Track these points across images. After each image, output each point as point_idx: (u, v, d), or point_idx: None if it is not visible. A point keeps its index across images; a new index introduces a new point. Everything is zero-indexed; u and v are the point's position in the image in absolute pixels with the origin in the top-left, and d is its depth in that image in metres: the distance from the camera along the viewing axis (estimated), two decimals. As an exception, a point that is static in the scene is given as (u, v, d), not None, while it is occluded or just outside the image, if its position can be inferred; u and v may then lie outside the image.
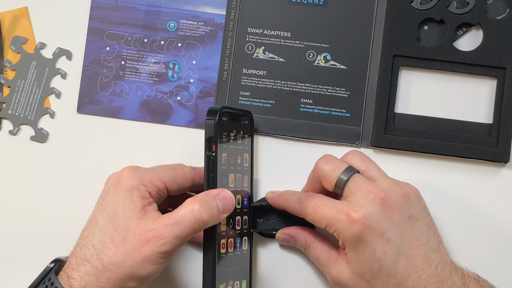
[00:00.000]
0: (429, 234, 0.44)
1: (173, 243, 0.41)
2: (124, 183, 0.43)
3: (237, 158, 0.46)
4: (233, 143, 0.45)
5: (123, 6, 0.53)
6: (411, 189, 0.45)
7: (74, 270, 0.41)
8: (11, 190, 0.53)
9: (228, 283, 0.44)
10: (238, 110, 0.48)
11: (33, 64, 0.54)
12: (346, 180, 0.43)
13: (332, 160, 0.45)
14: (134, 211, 0.42)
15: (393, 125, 0.52)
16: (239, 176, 0.46)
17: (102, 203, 0.44)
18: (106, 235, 0.42)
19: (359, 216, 0.41)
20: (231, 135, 0.45)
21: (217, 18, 0.53)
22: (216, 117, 0.43)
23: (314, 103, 0.52)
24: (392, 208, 0.42)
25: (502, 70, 0.51)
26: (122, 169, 0.45)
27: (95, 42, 0.53)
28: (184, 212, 0.41)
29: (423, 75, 0.52)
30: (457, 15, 0.52)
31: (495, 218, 0.51)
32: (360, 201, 0.42)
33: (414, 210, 0.44)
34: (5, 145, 0.54)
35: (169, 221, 0.41)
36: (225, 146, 0.44)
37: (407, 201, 0.44)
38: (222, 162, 0.43)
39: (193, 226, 0.41)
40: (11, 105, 0.54)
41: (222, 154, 0.43)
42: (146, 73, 0.53)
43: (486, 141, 0.51)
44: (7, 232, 0.53)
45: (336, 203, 0.43)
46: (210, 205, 0.42)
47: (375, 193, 0.42)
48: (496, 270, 0.51)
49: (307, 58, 0.53)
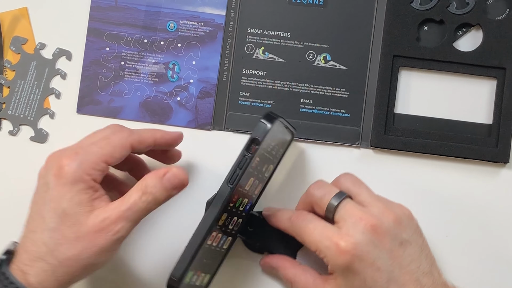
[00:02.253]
0: (421, 257, 0.43)
1: (127, 228, 0.41)
2: (67, 175, 0.41)
3: (264, 165, 0.46)
4: (268, 152, 0.45)
5: (123, 6, 0.53)
6: (403, 212, 0.44)
7: (28, 266, 0.40)
8: (11, 190, 0.53)
9: (196, 272, 0.44)
10: (290, 126, 0.47)
11: (33, 64, 0.54)
12: (336, 206, 0.43)
13: (323, 185, 0.45)
14: (82, 204, 0.41)
15: (393, 126, 0.52)
16: (256, 182, 0.46)
17: (45, 196, 0.41)
18: (57, 232, 0.40)
19: (348, 247, 0.41)
20: (271, 144, 0.45)
21: (217, 19, 0.53)
22: (272, 125, 0.43)
23: (314, 103, 0.52)
24: (383, 234, 0.42)
25: (502, 70, 0.51)
26: (60, 156, 0.42)
27: (95, 43, 0.53)
28: (133, 198, 0.41)
29: (423, 75, 0.52)
30: (457, 16, 0.52)
31: (495, 218, 0.51)
32: (350, 229, 0.42)
33: (406, 234, 0.43)
34: (5, 146, 0.54)
35: (121, 208, 0.41)
36: (262, 152, 0.44)
37: (399, 225, 0.43)
38: (252, 165, 0.43)
39: (145, 208, 0.41)
40: (11, 105, 0.54)
41: (256, 158, 0.43)
42: (145, 73, 0.53)
43: (486, 141, 0.51)
44: (7, 233, 0.53)
45: (326, 228, 0.43)
46: (156, 187, 0.41)
47: (366, 220, 0.42)
48: (496, 270, 0.51)
49: (307, 59, 0.53)
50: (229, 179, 0.43)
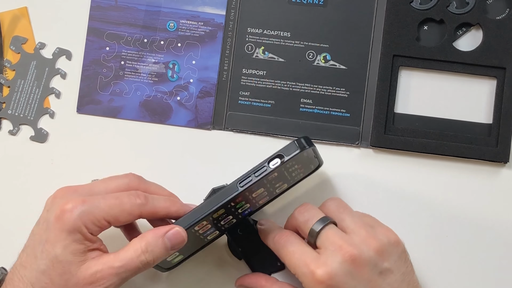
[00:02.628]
0: (402, 285, 0.43)
1: (117, 285, 0.40)
2: (66, 222, 0.39)
3: (278, 182, 0.46)
4: (288, 172, 0.45)
5: (123, 6, 0.53)
6: (388, 238, 0.43)
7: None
8: (10, 190, 0.53)
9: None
10: (319, 157, 0.47)
11: (33, 64, 0.54)
12: (318, 232, 0.43)
13: (308, 209, 0.45)
14: (75, 254, 0.40)
15: (392, 125, 0.52)
16: (264, 194, 0.46)
17: (42, 234, 0.41)
18: (45, 275, 0.40)
19: (324, 277, 0.40)
20: (294, 166, 0.45)
21: (217, 18, 0.53)
22: (302, 150, 0.42)
23: (313, 103, 0.52)
24: (362, 265, 0.41)
25: (502, 70, 0.51)
26: (65, 200, 0.40)
27: (95, 42, 0.53)
28: (130, 255, 0.40)
29: (423, 75, 0.52)
30: (457, 15, 0.52)
31: (495, 218, 0.51)
32: (329, 257, 0.41)
33: (387, 263, 0.42)
34: (5, 145, 0.54)
35: (114, 264, 0.40)
36: (282, 170, 0.44)
37: (380, 255, 0.42)
38: (268, 177, 0.43)
39: (138, 268, 0.40)
40: (11, 105, 0.54)
41: (275, 172, 0.43)
42: (145, 73, 0.53)
43: (486, 141, 0.51)
44: (7, 233, 0.53)
45: (306, 254, 0.42)
46: (157, 246, 0.41)
47: (345, 250, 0.41)
48: (496, 270, 0.51)
49: (306, 58, 0.53)
50: (241, 181, 0.43)
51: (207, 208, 0.43)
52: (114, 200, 0.41)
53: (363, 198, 0.51)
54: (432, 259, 0.51)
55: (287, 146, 0.43)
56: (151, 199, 0.43)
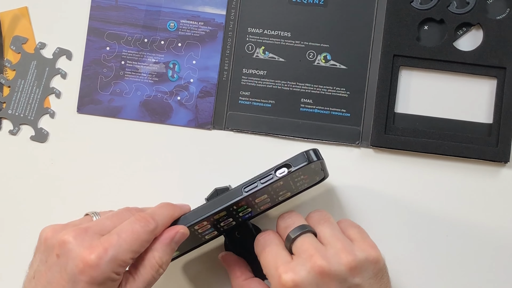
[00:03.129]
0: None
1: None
2: (95, 275, 0.37)
3: (282, 190, 0.46)
4: (294, 182, 0.45)
5: (123, 6, 0.53)
6: (366, 254, 0.42)
7: None
8: (11, 190, 0.53)
9: None
10: (326, 170, 0.47)
11: (33, 64, 0.54)
12: (294, 238, 0.43)
13: (291, 216, 0.45)
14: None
15: (393, 125, 0.52)
16: (267, 200, 0.46)
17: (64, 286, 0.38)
18: None
19: (289, 283, 0.40)
20: (300, 176, 0.45)
21: (217, 18, 0.53)
22: (310, 163, 0.42)
23: (314, 103, 0.52)
24: (330, 278, 0.40)
25: (502, 70, 0.51)
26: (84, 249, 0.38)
27: (95, 42, 0.53)
28: (150, 273, 0.41)
29: (423, 75, 0.52)
30: (457, 15, 0.52)
31: (495, 218, 0.51)
32: (298, 265, 0.41)
33: (359, 279, 0.41)
34: (5, 145, 0.54)
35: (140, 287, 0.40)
36: (288, 179, 0.44)
37: (352, 270, 0.41)
38: (274, 185, 0.43)
39: (156, 280, 0.41)
40: (11, 105, 0.54)
41: (280, 181, 0.43)
42: (146, 73, 0.53)
43: (486, 141, 0.51)
44: (7, 233, 0.53)
45: (279, 256, 0.42)
46: (168, 254, 0.42)
47: (315, 260, 0.40)
48: (496, 270, 0.51)
49: (307, 58, 0.53)
50: (246, 186, 0.43)
51: (210, 209, 0.43)
52: (131, 234, 0.40)
53: (363, 198, 0.52)
54: (432, 258, 0.51)
55: (295, 156, 0.43)
56: (159, 220, 0.42)
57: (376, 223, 0.51)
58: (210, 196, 0.47)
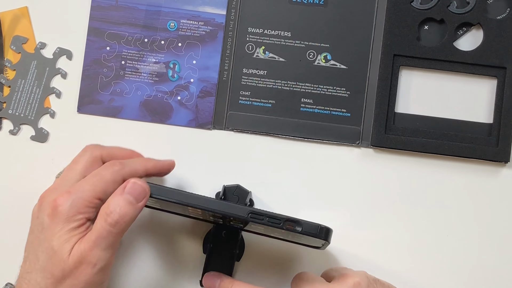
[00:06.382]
0: None
1: (105, 257, 0.40)
2: (60, 215, 0.41)
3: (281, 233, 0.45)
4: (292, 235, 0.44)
5: (123, 6, 0.53)
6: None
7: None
8: (11, 190, 0.53)
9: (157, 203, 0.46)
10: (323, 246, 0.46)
11: (34, 64, 0.54)
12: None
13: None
14: (69, 242, 0.40)
15: (393, 125, 0.52)
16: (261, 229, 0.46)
17: (40, 236, 0.41)
18: (47, 271, 0.40)
19: None
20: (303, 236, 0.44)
21: (218, 18, 0.53)
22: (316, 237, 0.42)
23: (314, 102, 0.52)
24: None
25: (502, 69, 0.51)
26: (52, 198, 0.41)
27: (96, 42, 0.53)
28: (100, 223, 0.41)
29: (423, 75, 0.52)
30: (457, 15, 0.52)
31: (496, 218, 0.51)
32: None
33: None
34: (5, 145, 0.54)
35: (91, 238, 0.40)
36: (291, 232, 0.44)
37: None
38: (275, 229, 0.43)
39: (115, 231, 0.41)
40: (12, 105, 0.54)
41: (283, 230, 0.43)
42: (146, 73, 0.53)
43: (486, 140, 0.51)
44: (8, 232, 0.53)
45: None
46: (119, 204, 0.41)
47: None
48: (496, 269, 0.51)
49: (307, 58, 0.53)
50: (253, 213, 0.42)
51: (210, 207, 0.42)
52: (94, 177, 0.42)
53: (364, 198, 0.52)
54: (432, 258, 0.51)
55: (310, 223, 0.42)
56: (126, 162, 0.44)
57: (376, 223, 0.51)
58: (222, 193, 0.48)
